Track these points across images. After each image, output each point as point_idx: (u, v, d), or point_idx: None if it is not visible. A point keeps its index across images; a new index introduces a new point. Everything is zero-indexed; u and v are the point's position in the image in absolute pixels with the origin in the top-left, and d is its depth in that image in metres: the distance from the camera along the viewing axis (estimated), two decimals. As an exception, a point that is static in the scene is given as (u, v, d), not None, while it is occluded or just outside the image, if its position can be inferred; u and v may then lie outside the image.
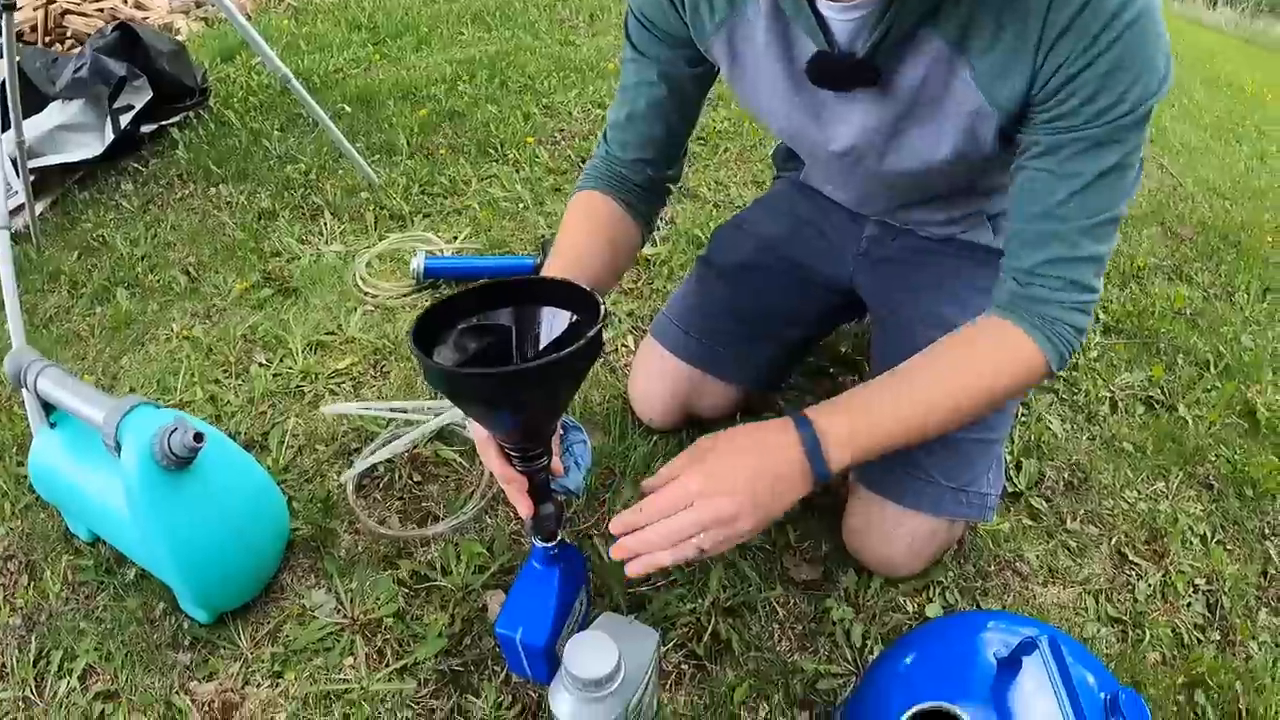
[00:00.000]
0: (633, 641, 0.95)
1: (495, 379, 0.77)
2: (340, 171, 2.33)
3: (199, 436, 1.05)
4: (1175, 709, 1.15)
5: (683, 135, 1.21)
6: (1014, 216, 0.98)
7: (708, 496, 0.89)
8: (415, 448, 1.45)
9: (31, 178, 2.16)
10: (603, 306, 0.83)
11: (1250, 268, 2.12)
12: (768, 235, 1.39)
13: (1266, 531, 1.43)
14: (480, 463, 1.43)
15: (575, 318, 0.87)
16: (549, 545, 1.00)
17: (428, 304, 0.86)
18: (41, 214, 2.29)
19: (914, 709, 0.84)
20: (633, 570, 0.90)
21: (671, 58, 1.11)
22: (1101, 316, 1.83)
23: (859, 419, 0.95)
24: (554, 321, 0.88)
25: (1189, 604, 1.29)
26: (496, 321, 0.89)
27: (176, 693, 1.15)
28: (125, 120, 2.44)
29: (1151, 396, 1.65)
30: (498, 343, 0.87)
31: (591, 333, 0.79)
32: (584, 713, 0.89)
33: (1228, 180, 2.67)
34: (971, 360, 0.99)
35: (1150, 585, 1.30)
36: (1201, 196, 2.48)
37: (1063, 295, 0.97)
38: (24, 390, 1.20)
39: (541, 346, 0.88)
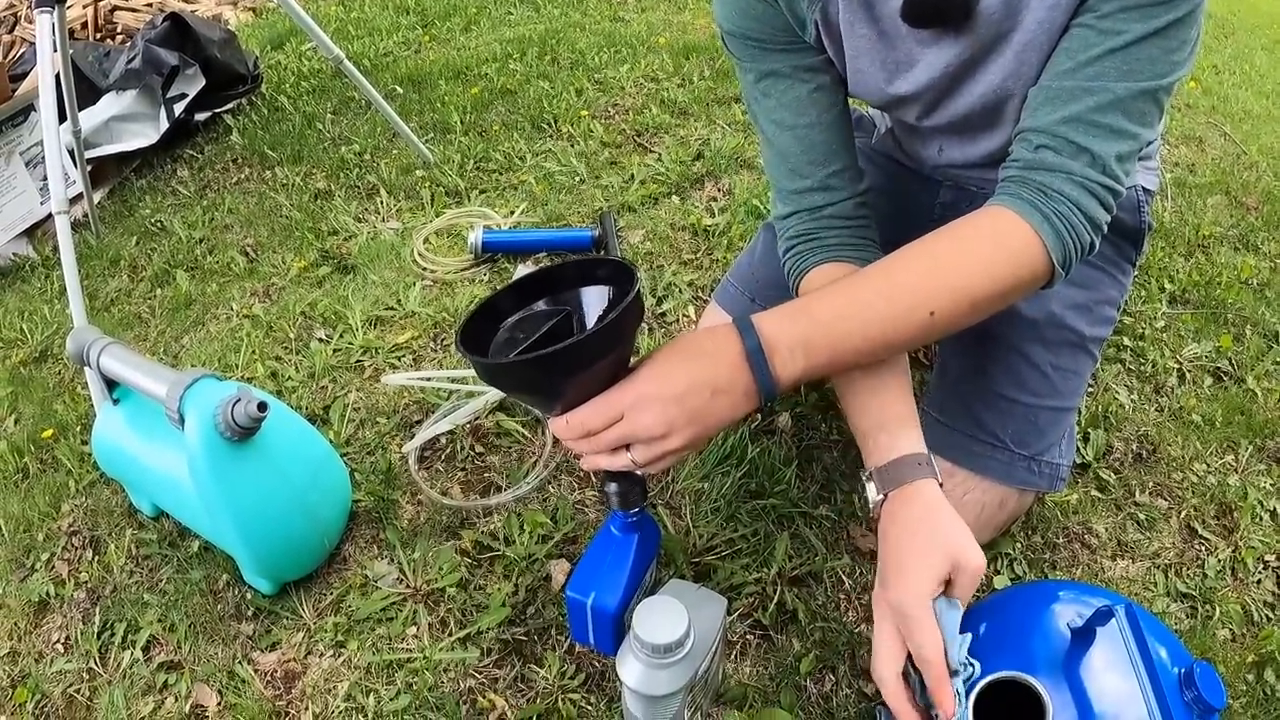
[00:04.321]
0: (701, 608, 0.93)
1: (529, 363, 0.77)
2: (395, 151, 2.33)
3: (262, 406, 1.05)
4: (1245, 688, 1.11)
5: (849, 131, 1.11)
6: (1041, 77, 0.90)
7: (638, 410, 0.81)
8: (477, 418, 1.45)
9: (89, 168, 2.18)
10: (637, 278, 0.82)
11: (1319, 239, 2.06)
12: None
13: (1338, 508, 1.39)
14: (543, 431, 1.43)
15: (614, 290, 0.86)
16: (630, 512, 0.98)
17: (471, 308, 0.86)
18: (100, 202, 2.32)
19: (986, 679, 0.82)
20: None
21: (787, 54, 1.04)
22: (1167, 286, 1.78)
23: (812, 328, 0.85)
24: (597, 299, 0.88)
25: (1259, 580, 1.25)
26: (542, 310, 0.88)
27: (239, 663, 1.15)
28: (179, 108, 2.46)
29: (1220, 368, 1.60)
30: (552, 330, 0.85)
31: (625, 303, 0.78)
32: (652, 679, 0.87)
33: (1294, 149, 2.60)
34: (951, 257, 0.87)
35: (1220, 561, 1.27)
36: (1266, 165, 2.40)
37: (1075, 166, 0.85)
38: (87, 368, 1.21)
39: (590, 325, 0.87)
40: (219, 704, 1.12)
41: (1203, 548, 1.29)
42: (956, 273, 0.86)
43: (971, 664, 0.83)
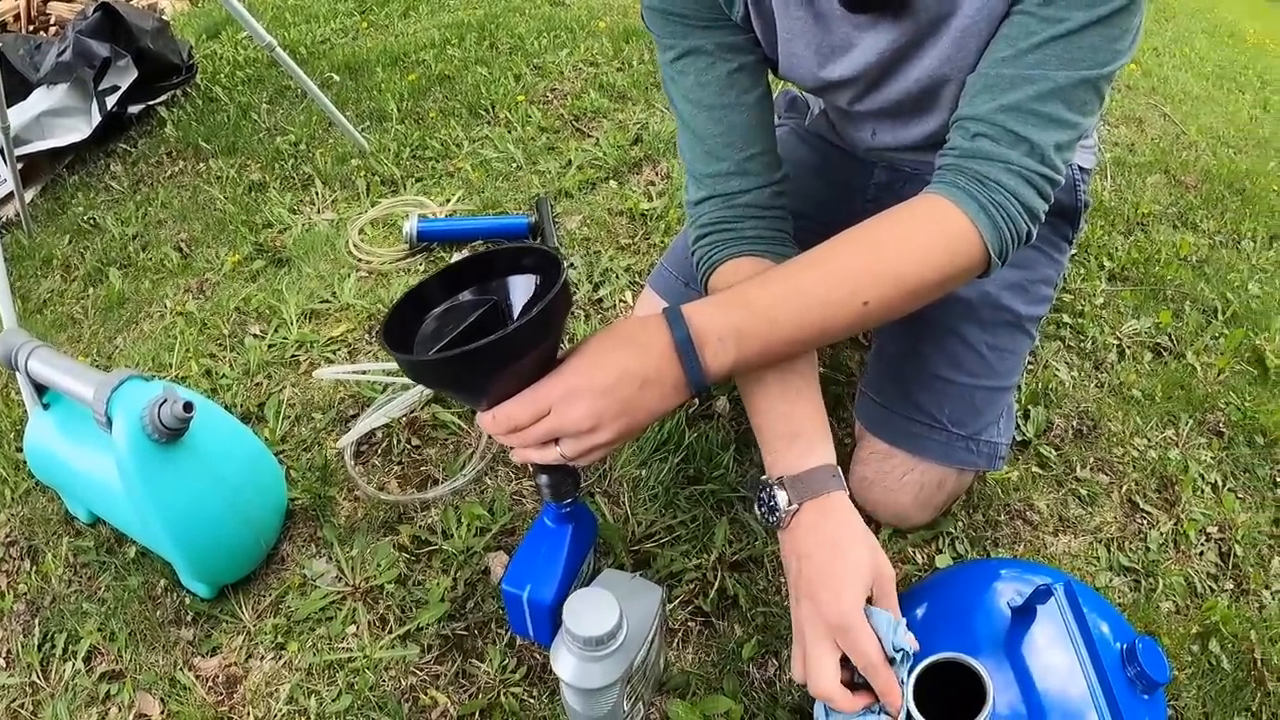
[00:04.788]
0: (636, 598, 0.92)
1: (452, 360, 0.76)
2: (330, 140, 2.30)
3: (188, 406, 1.03)
4: (1190, 659, 1.13)
5: (769, 116, 1.07)
6: (980, 64, 0.89)
7: (566, 404, 0.79)
8: (413, 411, 1.43)
9: (20, 165, 2.13)
10: (564, 268, 0.81)
11: (1256, 215, 2.08)
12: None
13: (1278, 479, 1.40)
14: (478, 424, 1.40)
15: (541, 280, 0.84)
16: (563, 503, 0.97)
17: (394, 301, 0.84)
18: (32, 201, 2.28)
19: (926, 661, 0.81)
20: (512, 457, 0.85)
21: (709, 31, 1.01)
22: (1107, 264, 1.80)
23: (746, 318, 0.83)
24: (524, 288, 0.85)
25: (1201, 553, 1.27)
26: (469, 300, 0.86)
27: (180, 669, 1.14)
28: (111, 101, 2.41)
29: (1159, 343, 1.62)
30: (479, 321, 0.83)
31: (549, 296, 0.76)
32: (586, 672, 0.86)
33: (1231, 129, 2.64)
34: (888, 246, 0.86)
35: (1162, 534, 1.28)
36: (1205, 145, 2.45)
37: (1012, 155, 0.84)
38: (17, 373, 1.18)
39: (517, 315, 0.85)
40: (162, 712, 1.11)
41: (1144, 521, 1.31)
42: (892, 261, 0.85)
43: (904, 650, 0.83)
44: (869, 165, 1.28)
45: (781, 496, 0.89)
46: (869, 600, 0.84)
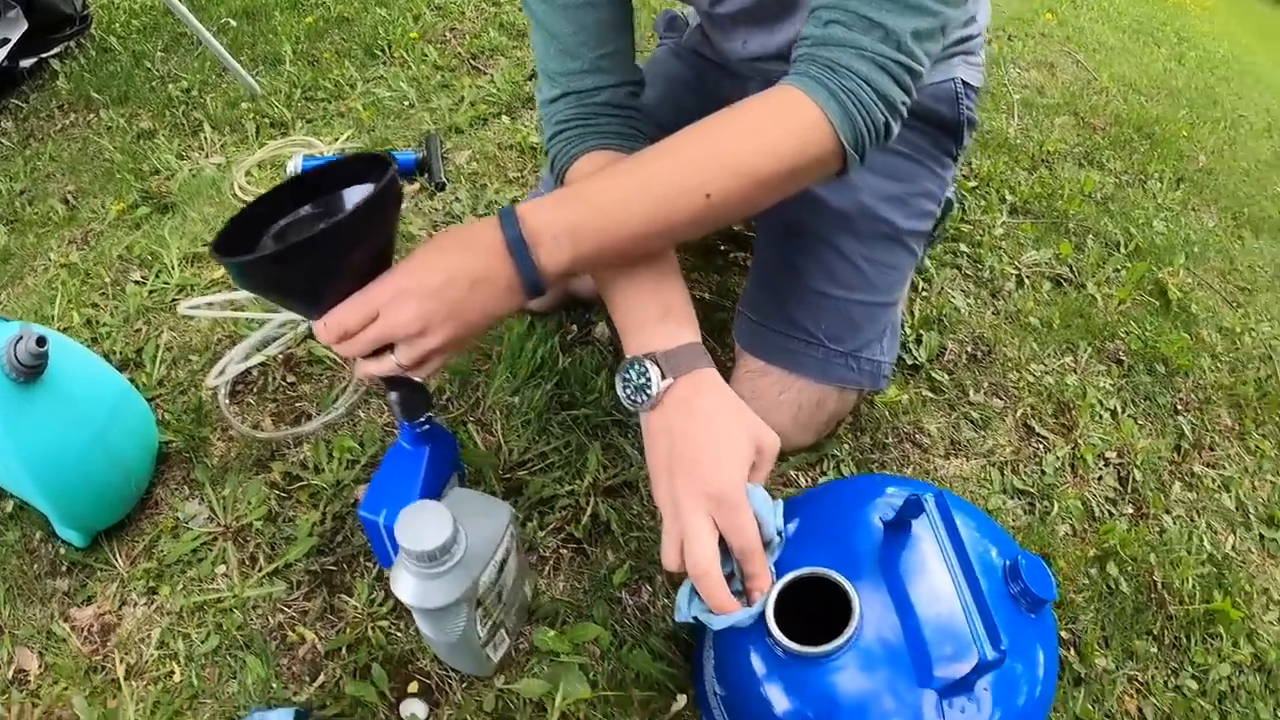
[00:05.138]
0: (482, 515, 0.89)
1: (274, 258, 0.74)
2: (223, 85, 2.23)
3: (41, 340, 1.00)
4: (1088, 581, 1.13)
5: (625, 16, 1.06)
6: None
7: (394, 306, 0.77)
8: (287, 349, 1.40)
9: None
10: (391, 167, 0.79)
11: (1164, 158, 2.10)
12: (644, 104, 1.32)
13: (1179, 407, 1.41)
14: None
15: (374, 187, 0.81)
16: (417, 422, 0.94)
17: (231, 215, 0.81)
18: (-79, 161, 2.18)
19: (790, 576, 0.79)
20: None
21: None
22: (1009, 197, 1.80)
23: (585, 213, 0.81)
24: (358, 197, 0.83)
25: (1100, 477, 1.28)
26: (310, 214, 0.84)
27: (57, 621, 1.11)
28: (1, 55, 2.32)
29: (1059, 274, 1.62)
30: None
31: (372, 192, 0.75)
32: (424, 591, 0.83)
33: (1144, 79, 2.65)
34: (733, 136, 0.83)
35: (1059, 458, 1.29)
36: (1116, 91, 2.46)
37: (865, 40, 0.81)
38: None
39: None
40: (39, 666, 1.08)
41: (1040, 445, 1.31)
42: (740, 151, 0.83)
43: (782, 533, 0.83)
44: (743, 80, 1.26)
45: (654, 372, 0.87)
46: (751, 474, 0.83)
